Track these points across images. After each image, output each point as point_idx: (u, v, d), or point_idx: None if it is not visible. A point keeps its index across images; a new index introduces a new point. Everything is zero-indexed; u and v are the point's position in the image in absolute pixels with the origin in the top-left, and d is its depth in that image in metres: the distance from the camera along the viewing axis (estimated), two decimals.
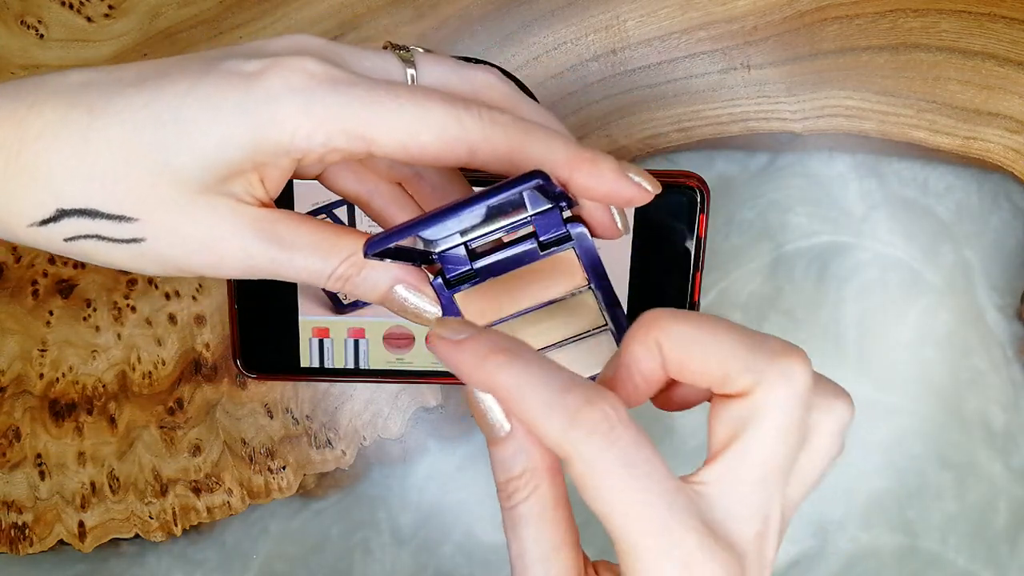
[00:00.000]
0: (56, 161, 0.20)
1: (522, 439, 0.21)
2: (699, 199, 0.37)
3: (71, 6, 0.40)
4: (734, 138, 0.40)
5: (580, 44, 0.40)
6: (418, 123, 0.20)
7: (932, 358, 0.42)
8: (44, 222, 0.21)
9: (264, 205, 0.22)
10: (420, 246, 0.24)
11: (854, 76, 0.40)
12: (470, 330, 0.20)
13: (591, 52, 0.40)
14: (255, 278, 0.23)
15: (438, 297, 0.24)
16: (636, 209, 0.37)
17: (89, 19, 0.40)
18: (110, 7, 0.40)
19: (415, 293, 0.24)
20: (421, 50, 0.24)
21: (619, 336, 0.25)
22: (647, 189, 0.22)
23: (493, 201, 0.21)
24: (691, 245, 0.37)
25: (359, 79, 0.21)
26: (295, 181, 0.37)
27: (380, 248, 0.21)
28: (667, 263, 0.38)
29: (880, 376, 0.42)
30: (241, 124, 0.20)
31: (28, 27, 0.40)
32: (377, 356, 0.39)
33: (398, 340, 0.39)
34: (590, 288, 0.25)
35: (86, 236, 0.21)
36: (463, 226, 0.23)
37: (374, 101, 0.20)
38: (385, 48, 0.23)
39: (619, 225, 0.24)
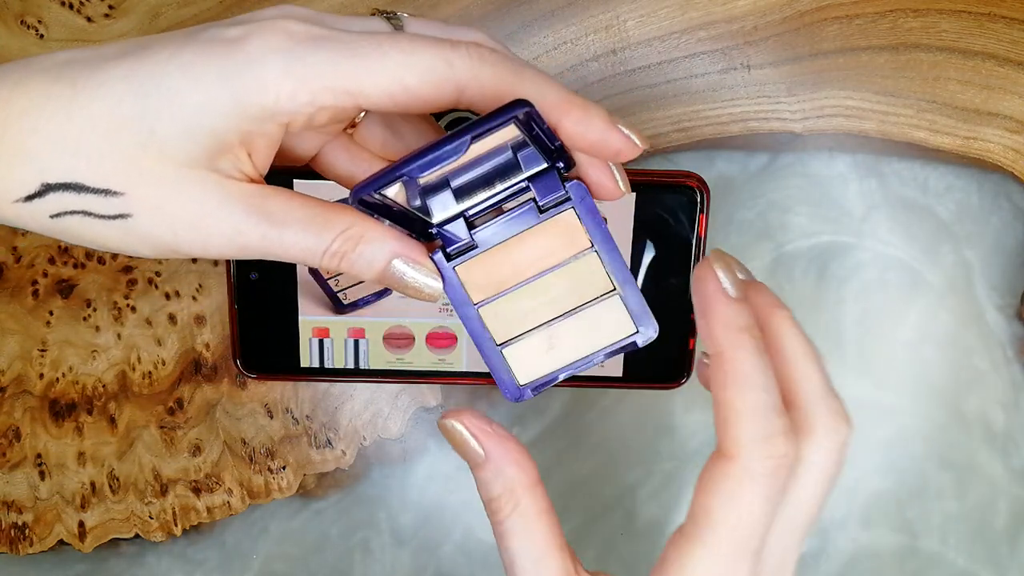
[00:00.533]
0: (41, 137, 0.20)
1: (497, 462, 0.24)
2: (699, 199, 0.37)
3: (71, 6, 0.40)
4: (734, 138, 0.40)
5: (580, 44, 0.40)
6: (403, 68, 0.20)
7: (932, 358, 0.42)
8: (29, 197, 0.20)
9: (253, 181, 0.22)
10: (416, 206, 0.23)
11: (854, 76, 0.40)
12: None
13: (591, 52, 0.40)
14: (246, 258, 0.22)
15: (439, 271, 0.24)
16: (636, 209, 0.37)
17: (89, 19, 0.40)
18: (110, 7, 0.40)
19: (414, 266, 0.23)
20: (407, 15, 0.23)
21: (626, 299, 0.25)
22: (635, 143, 0.22)
23: (479, 131, 0.20)
24: (691, 245, 0.37)
25: (341, 34, 0.20)
26: (293, 180, 0.37)
27: (370, 191, 0.21)
28: (667, 263, 0.38)
29: (880, 376, 0.42)
30: (223, 89, 0.20)
31: (28, 27, 0.40)
32: (377, 356, 0.39)
33: (398, 340, 0.39)
34: (593, 250, 0.25)
35: (72, 212, 0.21)
36: (453, 165, 0.22)
37: (356, 53, 0.20)
38: (373, 15, 0.23)
39: (620, 184, 0.24)
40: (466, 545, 0.44)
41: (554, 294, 0.25)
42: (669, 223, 0.37)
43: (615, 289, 0.25)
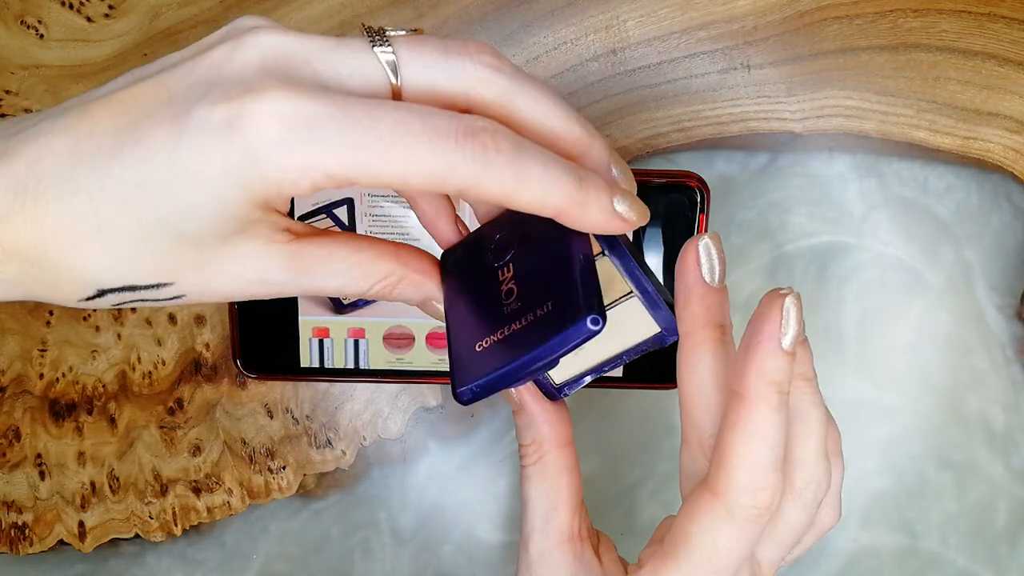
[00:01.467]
0: (81, 256, 0.21)
1: (530, 415, 0.26)
2: (699, 199, 0.37)
3: (71, 6, 0.40)
4: (734, 138, 0.40)
5: (580, 44, 0.40)
6: (405, 167, 0.20)
7: (932, 358, 0.42)
8: (89, 299, 0.22)
9: (293, 234, 0.22)
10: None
11: (854, 76, 0.40)
12: None
13: (591, 52, 0.40)
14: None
15: None
16: None
17: (89, 19, 0.40)
18: (110, 7, 0.40)
19: (439, 303, 0.25)
20: (403, 32, 0.22)
21: (647, 300, 0.25)
22: (633, 221, 0.23)
23: (567, 351, 0.22)
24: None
25: (335, 110, 0.19)
26: None
27: (470, 394, 0.23)
28: (667, 263, 0.38)
29: (880, 376, 0.42)
30: (231, 187, 0.20)
31: (28, 27, 0.40)
32: (377, 356, 0.39)
33: (398, 340, 0.39)
34: (603, 255, 0.25)
35: (132, 301, 0.22)
36: (544, 371, 0.24)
37: (356, 146, 0.19)
38: (365, 33, 0.22)
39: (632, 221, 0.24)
40: (466, 545, 0.44)
41: None
42: (669, 223, 0.37)
43: (631, 291, 0.25)
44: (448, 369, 0.26)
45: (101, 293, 0.21)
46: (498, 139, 0.20)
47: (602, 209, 0.22)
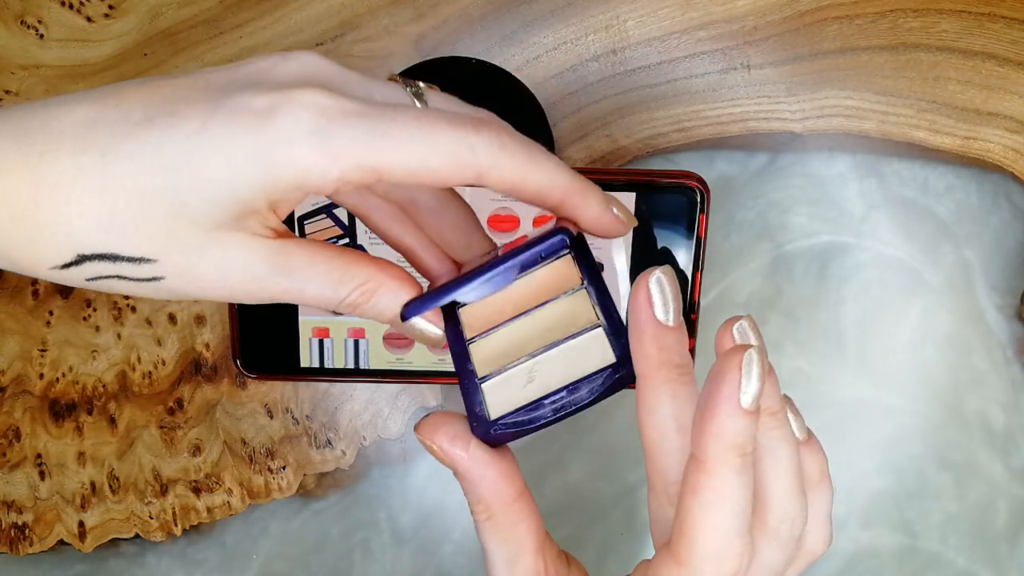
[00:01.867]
0: (75, 211, 0.20)
1: (470, 481, 0.25)
2: (699, 199, 0.37)
3: (71, 6, 0.40)
4: (734, 138, 0.40)
5: (580, 44, 0.40)
6: (428, 151, 0.21)
7: (932, 358, 0.42)
8: (66, 266, 0.21)
9: (277, 234, 0.23)
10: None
11: (854, 76, 0.40)
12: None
13: (591, 52, 0.40)
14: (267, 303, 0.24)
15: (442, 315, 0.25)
16: (636, 209, 0.37)
17: (89, 19, 0.40)
18: (110, 7, 0.40)
19: (420, 319, 0.25)
20: (425, 85, 0.24)
21: (611, 327, 0.25)
22: (623, 223, 0.24)
23: (523, 258, 0.23)
24: (691, 245, 0.37)
25: (368, 109, 0.21)
26: None
27: (416, 313, 0.24)
28: (667, 263, 0.38)
29: (880, 376, 0.42)
30: (255, 167, 0.20)
31: (28, 27, 0.40)
32: (377, 356, 0.39)
33: (398, 340, 0.39)
34: (583, 287, 0.25)
35: (107, 276, 0.21)
36: (495, 288, 0.25)
37: (385, 133, 0.20)
38: (391, 81, 0.24)
39: (623, 223, 0.25)
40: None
41: (546, 327, 0.25)
42: (669, 223, 0.37)
43: (599, 322, 0.24)
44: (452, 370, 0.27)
45: (80, 260, 0.21)
46: (508, 128, 0.22)
47: (600, 201, 0.24)
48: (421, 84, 0.24)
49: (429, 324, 0.25)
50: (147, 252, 0.21)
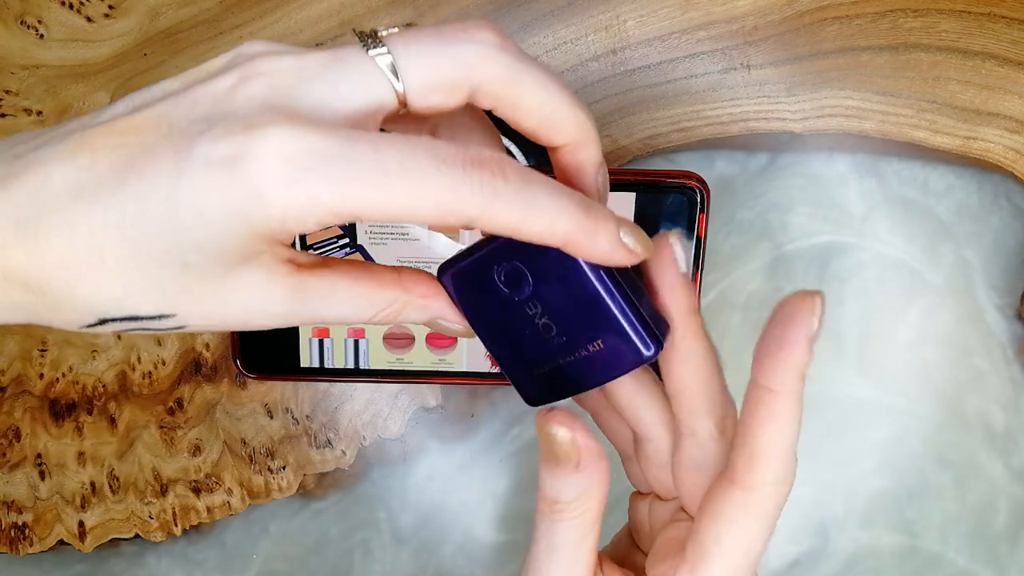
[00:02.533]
0: (84, 290, 0.20)
1: (590, 475, 0.26)
2: (699, 199, 0.37)
3: (71, 6, 0.40)
4: (734, 138, 0.40)
5: (580, 44, 0.40)
6: (412, 200, 0.19)
7: (932, 358, 0.42)
8: (91, 326, 0.22)
9: (295, 265, 0.22)
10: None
11: (854, 76, 0.40)
12: None
13: (591, 52, 0.40)
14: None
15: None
16: (636, 209, 0.37)
17: (89, 19, 0.40)
18: (110, 7, 0.40)
19: (448, 323, 0.25)
20: (396, 29, 0.21)
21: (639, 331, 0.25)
22: (639, 254, 0.23)
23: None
24: (691, 245, 0.37)
25: (341, 148, 0.19)
26: None
27: (450, 274, 0.24)
28: None
29: (880, 376, 0.42)
30: (234, 222, 0.20)
31: (28, 27, 0.40)
32: (377, 356, 0.39)
33: (398, 340, 0.39)
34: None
35: (133, 329, 0.22)
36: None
37: (362, 181, 0.19)
38: (358, 39, 0.22)
39: (639, 251, 0.24)
40: (466, 545, 0.44)
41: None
42: (669, 223, 0.37)
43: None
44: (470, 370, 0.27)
45: (103, 322, 0.21)
46: (505, 168, 0.20)
47: (610, 238, 0.22)
48: (387, 40, 0.21)
49: (457, 326, 0.25)
50: (165, 309, 0.21)
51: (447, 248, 0.26)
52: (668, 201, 0.37)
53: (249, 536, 0.44)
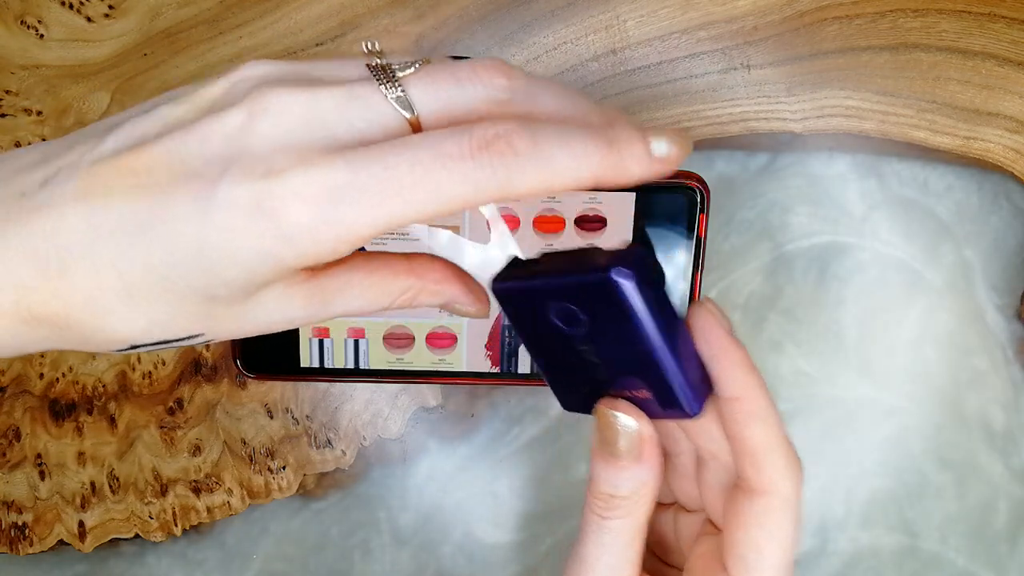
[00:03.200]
0: (112, 321, 0.21)
1: (650, 467, 0.25)
2: (699, 199, 0.37)
3: (71, 6, 0.40)
4: (734, 138, 0.40)
5: (580, 44, 0.40)
6: (432, 203, 0.20)
7: (932, 358, 0.42)
8: (124, 351, 0.22)
9: (312, 271, 0.23)
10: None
11: (854, 76, 0.40)
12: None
13: (591, 52, 0.40)
14: None
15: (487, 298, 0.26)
16: (636, 209, 0.37)
17: (89, 19, 0.40)
18: (110, 7, 0.40)
19: (461, 304, 0.26)
20: (411, 69, 0.21)
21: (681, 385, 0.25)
22: (675, 157, 0.21)
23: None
24: (691, 245, 0.37)
25: (358, 176, 0.19)
26: None
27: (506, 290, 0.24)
28: (667, 263, 0.38)
29: (880, 376, 0.42)
30: (268, 264, 0.20)
31: (28, 27, 0.40)
32: (377, 356, 0.39)
33: (398, 340, 0.39)
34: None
35: (164, 348, 0.23)
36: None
37: (380, 202, 0.19)
38: (371, 69, 0.21)
39: (675, 153, 0.23)
40: (466, 545, 0.44)
41: None
42: (669, 223, 0.37)
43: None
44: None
45: (134, 347, 0.22)
46: (512, 140, 0.20)
47: (640, 163, 0.21)
48: (403, 81, 0.21)
49: (476, 307, 0.26)
50: (192, 331, 0.22)
51: (447, 247, 0.26)
52: (668, 201, 0.37)
53: (249, 536, 0.44)
